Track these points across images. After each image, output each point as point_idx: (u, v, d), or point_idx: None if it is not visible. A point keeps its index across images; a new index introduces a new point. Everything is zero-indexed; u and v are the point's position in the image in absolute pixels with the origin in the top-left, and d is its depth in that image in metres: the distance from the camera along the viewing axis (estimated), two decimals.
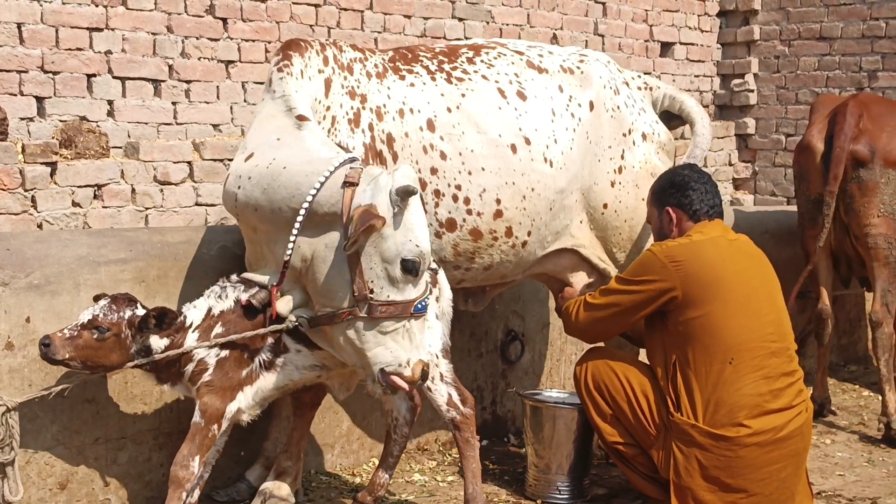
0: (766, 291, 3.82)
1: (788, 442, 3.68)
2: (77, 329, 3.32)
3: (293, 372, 3.59)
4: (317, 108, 3.74)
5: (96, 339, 3.33)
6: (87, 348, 3.32)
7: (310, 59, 3.76)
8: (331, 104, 3.79)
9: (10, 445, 3.33)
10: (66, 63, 4.88)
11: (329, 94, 3.79)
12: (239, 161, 3.60)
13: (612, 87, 4.36)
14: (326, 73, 3.81)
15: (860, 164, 5.07)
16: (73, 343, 3.30)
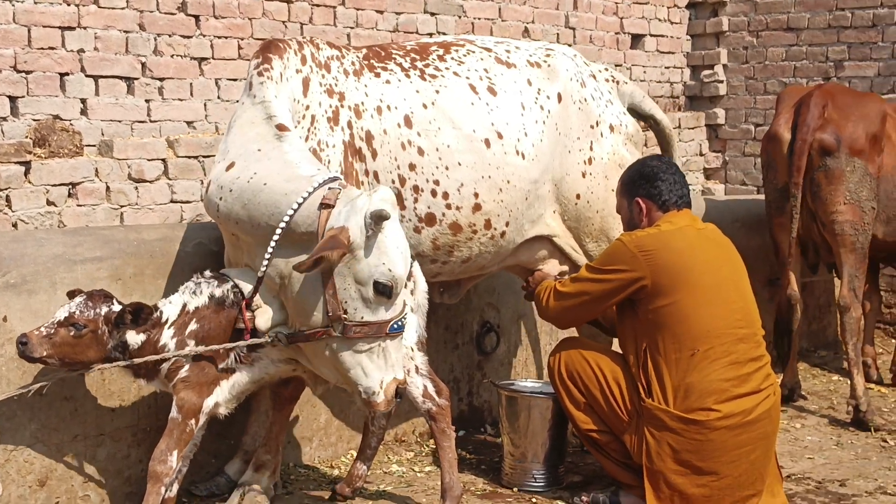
0: (733, 279, 3.90)
1: (757, 425, 3.76)
2: (54, 326, 3.35)
3: (269, 365, 3.63)
4: (296, 108, 3.78)
5: (73, 336, 3.36)
6: (65, 345, 3.35)
7: (288, 59, 3.80)
8: (309, 103, 3.82)
9: None
10: (39, 62, 4.87)
11: (308, 93, 3.82)
12: (220, 169, 3.62)
13: (579, 80, 4.43)
14: (304, 72, 3.85)
15: (826, 153, 5.16)
16: (50, 341, 3.33)
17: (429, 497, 4.04)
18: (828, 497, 4.15)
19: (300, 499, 4.02)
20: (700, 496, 3.75)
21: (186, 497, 3.92)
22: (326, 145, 3.83)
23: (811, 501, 4.10)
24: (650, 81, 7.62)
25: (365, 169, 3.94)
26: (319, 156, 3.80)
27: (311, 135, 3.81)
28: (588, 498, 3.99)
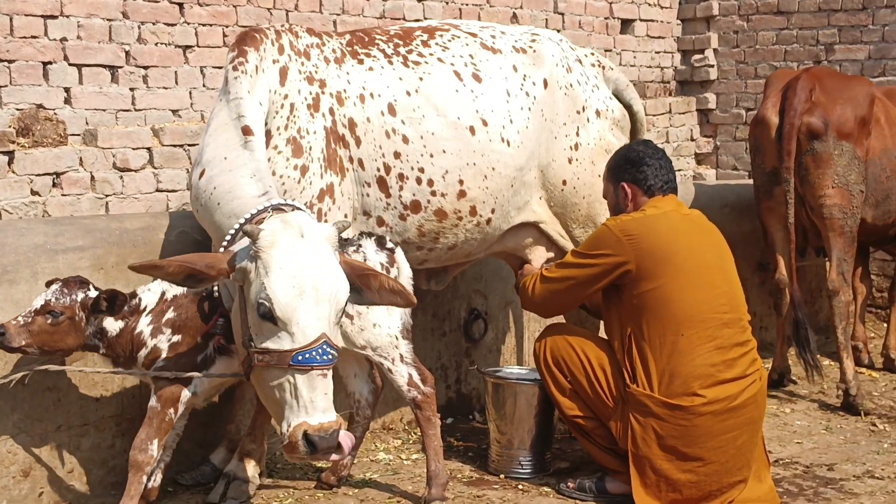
0: (718, 264, 3.88)
1: (743, 410, 3.75)
2: (31, 315, 3.35)
3: None
4: (273, 98, 3.77)
5: (50, 323, 3.35)
6: (43, 333, 3.35)
7: (265, 50, 3.79)
8: (288, 92, 3.81)
9: None
10: (22, 51, 4.84)
11: (286, 81, 3.81)
12: (196, 175, 3.69)
13: (565, 65, 4.40)
14: (282, 61, 3.83)
15: (814, 137, 5.13)
16: (27, 329, 3.33)
17: (415, 484, 4.04)
18: (815, 481, 4.14)
19: (285, 488, 4.01)
20: (686, 482, 3.75)
21: (172, 486, 3.91)
22: (307, 132, 3.81)
23: (798, 486, 4.10)
24: (640, 66, 7.59)
25: (349, 156, 3.92)
26: (300, 143, 3.78)
27: (290, 123, 3.79)
28: (574, 484, 3.98)
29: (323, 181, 3.83)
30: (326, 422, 3.10)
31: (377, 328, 3.73)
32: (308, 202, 3.79)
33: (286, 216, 3.24)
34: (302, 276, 3.11)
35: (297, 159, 3.78)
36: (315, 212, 3.81)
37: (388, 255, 3.77)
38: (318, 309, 3.12)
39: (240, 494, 3.82)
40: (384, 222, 4.01)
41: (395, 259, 3.79)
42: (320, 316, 3.13)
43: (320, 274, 3.14)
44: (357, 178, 3.94)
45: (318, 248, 3.18)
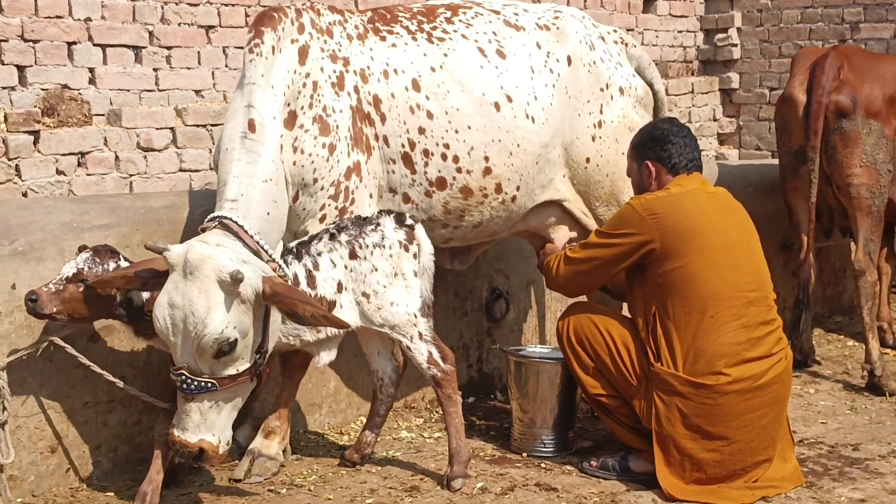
0: (744, 242, 3.86)
1: (768, 389, 3.73)
2: (63, 283, 3.39)
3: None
4: (294, 78, 3.76)
5: (82, 291, 3.39)
6: (74, 301, 3.39)
7: (283, 30, 3.78)
8: (310, 70, 3.80)
9: (2, 405, 3.39)
10: (46, 31, 4.87)
11: (306, 60, 3.80)
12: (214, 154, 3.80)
13: (588, 43, 4.39)
14: (302, 40, 3.82)
15: (842, 115, 5.09)
16: (59, 297, 3.37)
17: (438, 462, 4.05)
18: (840, 461, 4.13)
19: (309, 465, 4.03)
20: (711, 461, 3.74)
21: (197, 463, 3.94)
22: (333, 110, 3.81)
23: (823, 466, 4.08)
24: (662, 46, 7.55)
25: (375, 133, 3.92)
26: (327, 121, 3.78)
27: (314, 101, 3.79)
28: (597, 463, 3.98)
29: (350, 159, 3.84)
30: (176, 435, 3.35)
31: (395, 306, 3.74)
32: (336, 180, 3.80)
33: (193, 244, 3.33)
34: (174, 311, 3.28)
35: (325, 137, 3.78)
36: (342, 190, 3.82)
37: (406, 233, 3.77)
38: (181, 343, 3.30)
39: (264, 471, 3.85)
40: (410, 199, 4.02)
41: (414, 236, 3.78)
42: (185, 350, 3.30)
43: (189, 313, 3.26)
44: (383, 155, 3.94)
45: (199, 290, 3.26)
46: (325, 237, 3.72)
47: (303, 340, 3.70)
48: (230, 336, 3.28)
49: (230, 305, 3.28)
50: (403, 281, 3.72)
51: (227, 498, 3.68)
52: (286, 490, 3.77)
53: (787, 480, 3.81)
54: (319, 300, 3.66)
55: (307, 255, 3.68)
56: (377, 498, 3.70)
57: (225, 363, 3.34)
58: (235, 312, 3.29)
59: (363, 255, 3.70)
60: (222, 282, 3.26)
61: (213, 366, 3.33)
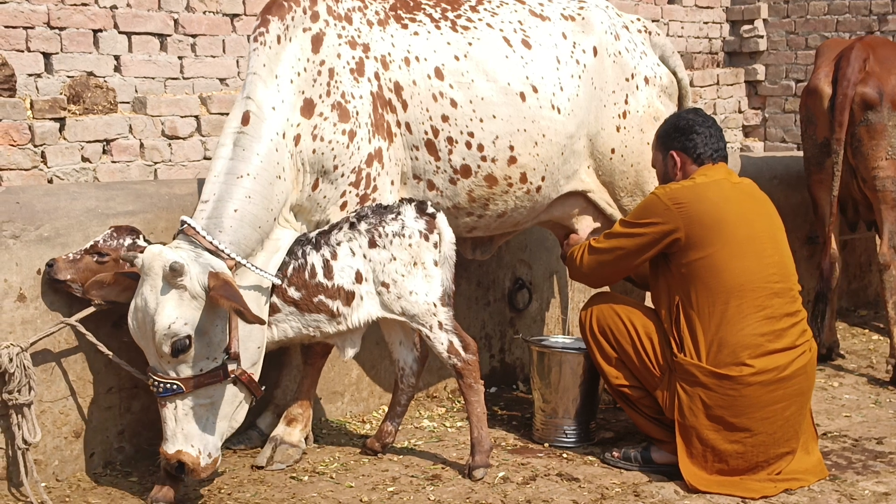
0: (769, 233, 3.83)
1: (792, 381, 3.71)
2: (80, 253, 3.51)
3: (288, 330, 3.66)
4: (308, 66, 3.74)
5: (96, 262, 3.50)
6: (88, 271, 3.49)
7: (293, 19, 3.75)
8: (325, 58, 3.78)
9: (28, 386, 3.43)
10: (72, 19, 4.89)
11: (321, 48, 3.78)
12: None
13: (613, 33, 4.36)
14: (316, 28, 3.79)
15: (869, 107, 5.04)
16: (74, 266, 3.49)
17: (459, 451, 4.05)
18: (864, 455, 4.10)
19: (331, 453, 4.04)
20: (733, 452, 3.72)
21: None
22: (352, 97, 3.80)
23: (847, 459, 4.05)
24: (688, 37, 7.51)
25: (396, 120, 3.91)
26: (346, 108, 3.78)
27: (332, 89, 3.77)
28: (619, 453, 3.97)
29: (371, 146, 3.83)
30: (162, 447, 3.38)
31: (414, 296, 3.73)
32: (356, 167, 3.80)
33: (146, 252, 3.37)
34: (135, 315, 3.36)
35: (345, 124, 3.78)
36: (364, 177, 3.81)
37: (427, 222, 3.75)
38: (145, 345, 3.38)
39: (286, 459, 3.86)
40: (434, 186, 4.01)
41: (435, 225, 3.77)
42: (150, 352, 3.37)
43: (143, 315, 3.33)
44: (405, 142, 3.93)
45: (151, 287, 3.31)
46: (344, 226, 3.73)
47: (323, 332, 3.71)
48: (180, 332, 3.29)
49: (178, 300, 3.30)
50: (423, 270, 3.72)
51: (249, 485, 3.70)
52: (308, 477, 3.78)
53: (810, 473, 3.79)
54: (336, 290, 3.66)
55: (325, 245, 3.69)
56: (399, 486, 3.71)
57: (184, 361, 3.33)
58: (185, 308, 3.30)
59: (382, 244, 3.70)
60: (166, 276, 3.30)
61: (174, 366, 3.35)
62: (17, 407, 3.42)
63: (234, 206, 3.51)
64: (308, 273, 3.63)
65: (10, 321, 3.51)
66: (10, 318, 3.51)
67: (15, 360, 3.40)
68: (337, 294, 3.65)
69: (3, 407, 3.43)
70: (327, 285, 3.65)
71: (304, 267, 3.64)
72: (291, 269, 3.65)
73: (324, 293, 3.65)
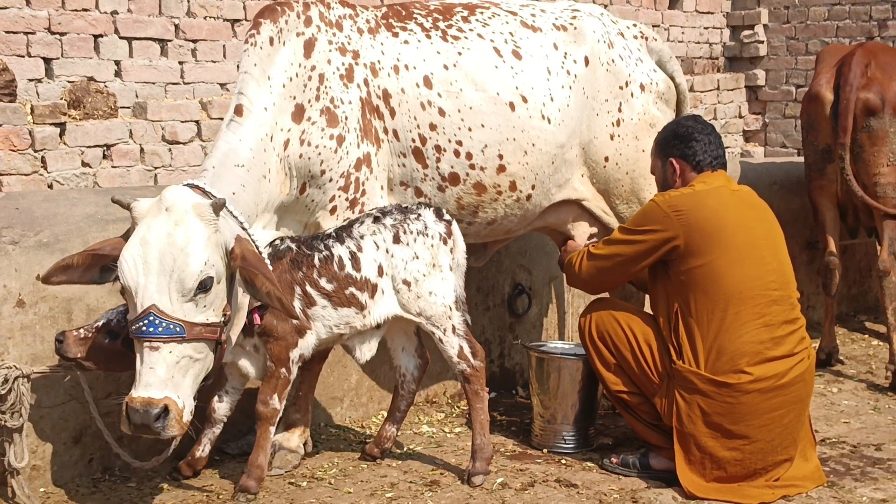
0: (768, 240, 3.84)
1: (790, 389, 3.71)
2: (91, 330, 3.39)
3: (320, 330, 3.69)
4: (299, 71, 3.76)
5: (108, 343, 3.39)
6: (99, 351, 3.39)
7: (286, 23, 3.77)
8: (316, 63, 3.80)
9: (20, 412, 3.39)
10: (73, 24, 4.90)
11: (312, 53, 3.80)
12: None
13: (606, 41, 4.37)
14: (308, 33, 3.82)
15: (870, 114, 5.04)
16: (85, 344, 3.38)
17: (458, 457, 4.05)
18: (862, 461, 4.10)
19: (330, 458, 4.04)
20: (731, 459, 3.72)
21: (218, 455, 3.97)
22: (341, 102, 3.82)
23: (845, 465, 4.06)
24: (688, 42, 7.51)
25: (384, 127, 3.93)
26: (335, 113, 3.80)
27: (321, 94, 3.79)
28: (618, 459, 3.97)
29: (360, 151, 3.85)
30: (137, 396, 3.12)
31: (433, 296, 3.74)
32: (345, 171, 3.82)
33: (167, 190, 3.27)
34: (147, 248, 3.15)
35: (333, 129, 3.80)
36: (353, 181, 3.83)
37: (446, 227, 3.80)
38: (155, 280, 3.14)
39: (285, 464, 3.87)
40: (423, 193, 4.03)
41: (451, 231, 3.82)
42: (159, 288, 3.14)
43: (165, 247, 3.15)
44: (392, 148, 3.95)
45: (176, 222, 3.18)
46: (367, 220, 3.74)
47: (352, 328, 3.71)
48: (209, 272, 3.19)
49: (208, 240, 3.21)
50: (440, 273, 3.75)
51: None
52: (307, 483, 3.78)
53: (808, 480, 3.79)
54: (364, 282, 3.68)
55: (349, 238, 3.70)
56: (397, 492, 3.71)
57: (199, 305, 3.20)
58: (214, 251, 3.23)
59: (406, 241, 3.72)
60: (202, 215, 3.20)
61: (186, 307, 3.18)
62: (6, 430, 3.39)
63: (232, 189, 3.49)
64: (336, 265, 3.65)
65: (10, 327, 3.52)
66: (10, 324, 3.52)
67: (11, 384, 3.35)
68: (365, 286, 3.68)
69: None
70: (357, 277, 3.68)
71: (331, 259, 3.65)
72: (318, 261, 3.65)
73: (354, 285, 3.67)
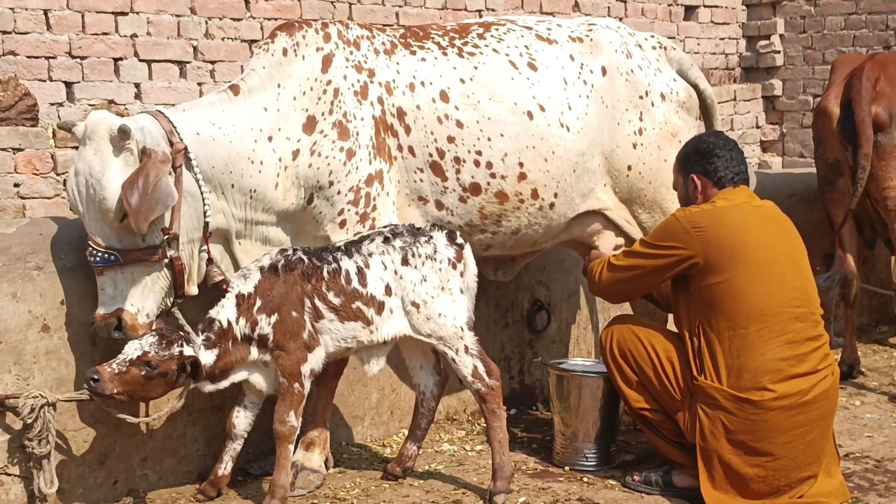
0: (791, 257, 3.83)
1: (814, 406, 3.70)
2: (126, 364, 3.39)
3: (328, 343, 3.70)
4: (313, 85, 3.86)
5: (144, 375, 3.41)
6: (135, 384, 3.41)
7: (303, 37, 3.88)
8: (332, 78, 3.88)
9: (46, 438, 3.44)
10: (93, 48, 4.95)
11: (329, 68, 3.89)
12: None
13: (624, 52, 4.39)
14: (327, 49, 3.91)
15: (878, 129, 5.03)
16: (121, 379, 3.38)
17: (480, 476, 4.06)
18: (886, 476, 4.08)
19: (352, 478, 4.05)
20: (755, 476, 3.71)
21: (241, 476, 3.99)
22: (354, 117, 3.88)
23: (870, 480, 4.04)
24: (704, 53, 7.51)
25: (398, 144, 3.97)
26: (346, 127, 3.86)
27: (334, 108, 3.87)
28: (640, 477, 3.96)
29: (371, 167, 3.89)
30: (97, 313, 3.46)
31: (443, 318, 3.76)
32: (354, 186, 3.86)
33: (90, 116, 3.43)
34: (79, 178, 3.41)
35: (343, 142, 3.84)
36: (363, 196, 3.88)
37: (456, 251, 3.81)
38: (88, 211, 3.41)
39: (308, 484, 3.88)
40: (444, 206, 4.05)
41: (462, 255, 3.82)
42: (92, 217, 3.41)
43: (89, 177, 3.38)
44: (407, 165, 3.99)
45: (95, 150, 3.38)
46: (378, 239, 3.76)
47: (359, 342, 3.73)
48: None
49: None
50: (450, 295, 3.76)
51: None
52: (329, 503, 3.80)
53: (832, 496, 3.77)
54: (370, 298, 3.70)
55: (357, 254, 3.73)
56: None
57: (130, 230, 3.36)
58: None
59: (415, 263, 3.74)
60: (112, 139, 3.37)
61: (119, 233, 3.40)
62: (35, 457, 3.43)
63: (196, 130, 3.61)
64: (343, 279, 3.67)
65: (34, 352, 3.55)
66: (34, 349, 3.55)
67: (37, 412, 3.40)
68: (371, 302, 3.70)
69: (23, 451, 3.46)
70: (363, 292, 3.69)
71: (338, 272, 3.68)
72: (327, 273, 3.68)
73: (360, 300, 3.69)
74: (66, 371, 3.60)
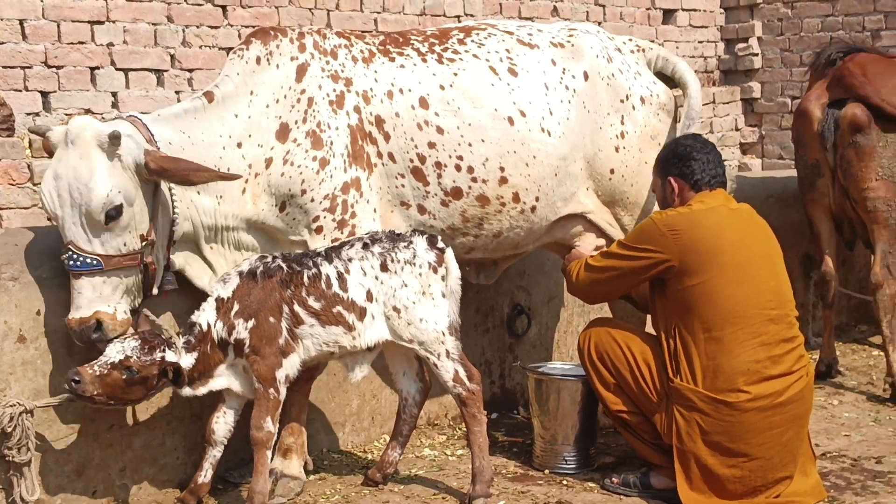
0: (766, 259, 3.85)
1: (789, 407, 3.72)
2: (107, 367, 3.40)
3: (310, 347, 3.71)
4: (287, 93, 3.88)
5: (125, 378, 3.42)
6: (115, 387, 3.42)
7: (277, 47, 3.91)
8: (306, 87, 3.90)
9: (27, 446, 3.43)
10: (69, 57, 4.95)
11: (304, 78, 3.90)
12: None
13: (605, 56, 4.42)
14: (302, 58, 3.93)
15: (857, 129, 5.06)
16: (101, 381, 3.39)
17: (460, 480, 4.07)
18: (863, 475, 4.11)
19: (332, 484, 4.06)
20: (731, 477, 3.73)
21: (221, 484, 3.99)
22: (328, 126, 3.89)
23: (846, 479, 4.06)
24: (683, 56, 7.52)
25: (377, 151, 3.99)
26: (320, 136, 3.88)
27: (308, 117, 3.88)
28: (619, 479, 3.98)
29: (347, 175, 3.91)
30: (71, 317, 3.43)
31: (424, 322, 3.77)
32: (329, 194, 3.88)
33: (73, 121, 3.44)
34: (59, 182, 3.39)
35: (317, 151, 3.86)
36: (339, 203, 3.90)
37: (437, 255, 3.81)
38: (70, 213, 3.40)
39: (287, 492, 3.88)
40: (426, 210, 4.07)
41: (444, 259, 3.83)
42: (73, 221, 3.40)
43: (73, 181, 3.37)
44: (388, 171, 4.00)
45: (80, 155, 3.38)
46: (357, 245, 3.78)
47: (341, 347, 3.74)
48: (115, 200, 3.38)
49: (112, 169, 3.40)
50: (431, 300, 3.77)
51: None
52: None
53: (808, 495, 3.80)
54: (350, 303, 3.71)
55: (337, 259, 3.74)
56: None
57: (113, 233, 3.41)
58: (119, 177, 3.40)
59: (394, 269, 3.75)
60: (101, 144, 3.38)
61: (102, 236, 3.41)
62: (15, 465, 3.43)
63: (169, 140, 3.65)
64: (324, 283, 3.68)
65: (11, 362, 3.54)
66: (11, 360, 3.54)
67: (16, 420, 3.40)
68: (352, 307, 3.71)
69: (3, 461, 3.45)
70: (344, 297, 3.71)
71: (319, 277, 3.69)
72: (307, 278, 3.69)
73: (341, 304, 3.70)
74: (42, 381, 3.59)
